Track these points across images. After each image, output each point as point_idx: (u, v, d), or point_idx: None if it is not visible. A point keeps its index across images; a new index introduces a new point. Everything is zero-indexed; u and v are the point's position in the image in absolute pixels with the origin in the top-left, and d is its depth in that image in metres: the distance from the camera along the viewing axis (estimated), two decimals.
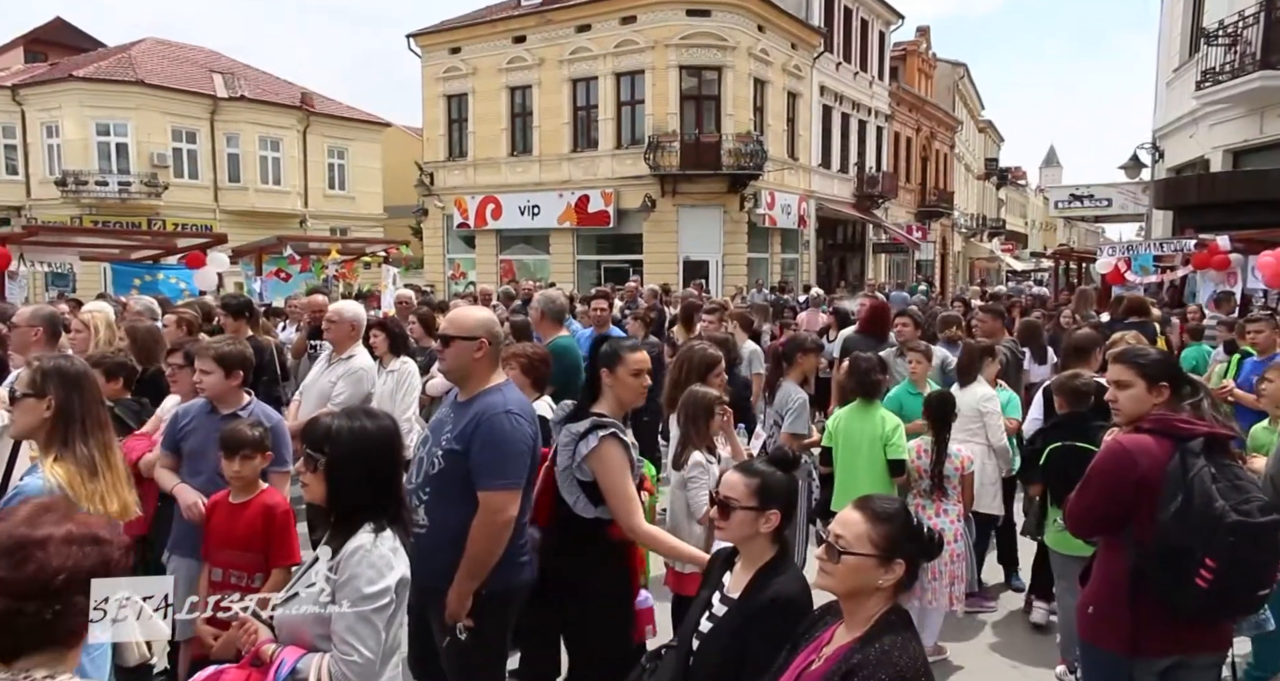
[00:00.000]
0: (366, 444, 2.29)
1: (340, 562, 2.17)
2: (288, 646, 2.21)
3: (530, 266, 24.87)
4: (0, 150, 28.03)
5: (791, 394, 5.10)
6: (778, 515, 2.33)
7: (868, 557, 1.88)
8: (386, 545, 2.21)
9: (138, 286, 11.27)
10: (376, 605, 2.14)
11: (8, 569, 1.39)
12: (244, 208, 29.19)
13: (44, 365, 2.74)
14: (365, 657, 2.12)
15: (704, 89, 22.69)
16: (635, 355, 3.27)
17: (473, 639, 2.98)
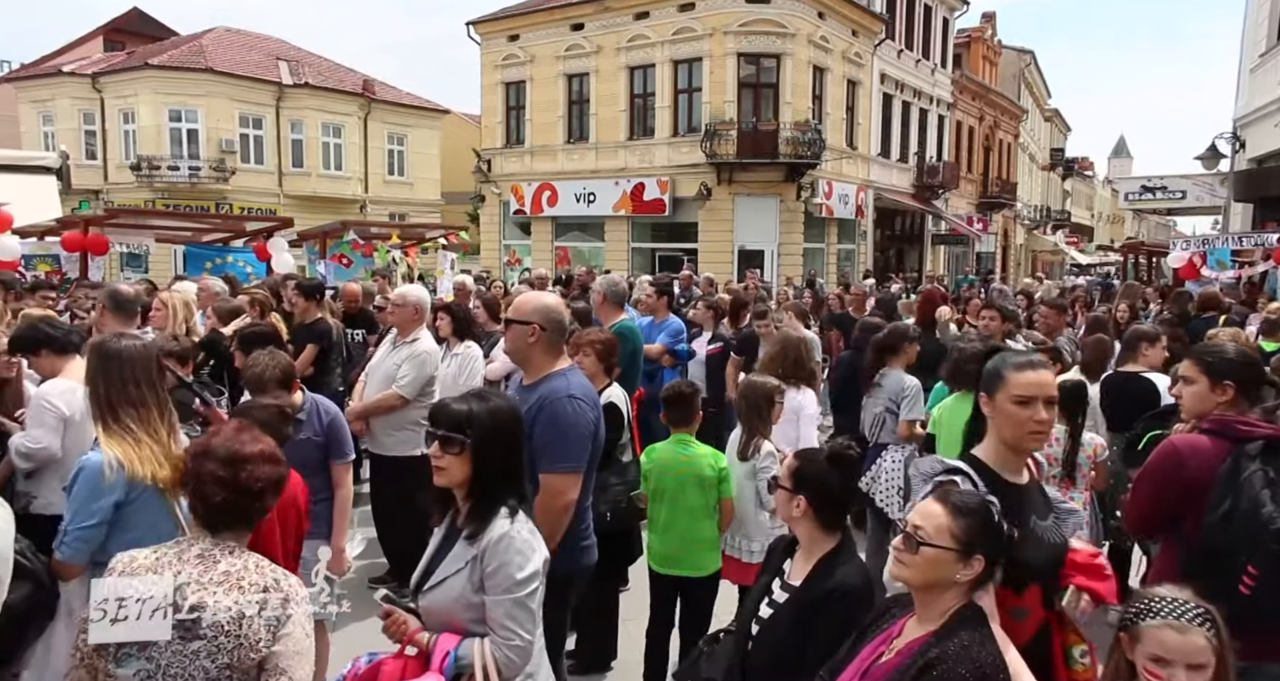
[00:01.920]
0: (505, 424, 2.31)
1: (486, 550, 2.18)
2: (442, 633, 2.21)
3: (585, 253, 24.99)
4: (81, 136, 29.02)
5: (904, 381, 5.14)
6: (804, 501, 2.38)
7: (947, 550, 1.84)
8: (526, 528, 2.24)
9: (209, 269, 11.64)
10: (529, 589, 2.17)
11: (228, 473, 2.03)
12: (306, 192, 29.84)
13: (91, 342, 2.91)
14: (525, 640, 2.17)
15: (762, 77, 22.47)
16: (1024, 376, 2.30)
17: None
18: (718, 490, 3.88)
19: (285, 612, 1.93)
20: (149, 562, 1.90)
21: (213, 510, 2.05)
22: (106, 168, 28.85)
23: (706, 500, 3.87)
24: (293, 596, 1.97)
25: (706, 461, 3.90)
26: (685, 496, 3.86)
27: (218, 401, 4.24)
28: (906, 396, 5.12)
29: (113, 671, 1.86)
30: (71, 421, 3.59)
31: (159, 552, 1.96)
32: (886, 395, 5.23)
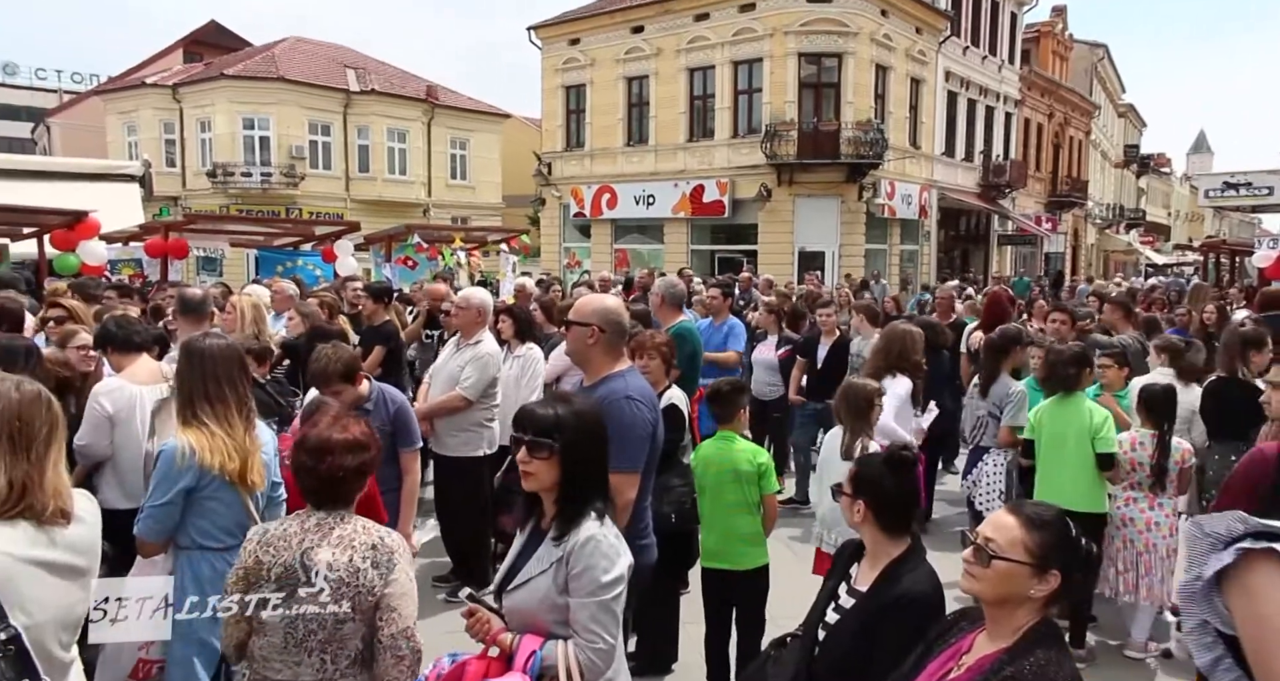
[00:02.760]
0: (592, 427, 2.32)
1: (572, 553, 2.19)
2: (525, 634, 2.22)
3: (644, 256, 25.04)
4: (161, 145, 30.20)
5: (1009, 385, 5.08)
6: (864, 506, 2.34)
7: (1020, 565, 1.76)
8: (612, 532, 2.25)
9: (280, 272, 12.00)
10: (614, 593, 2.18)
11: (313, 462, 2.33)
12: (372, 197, 30.53)
13: (182, 341, 3.04)
14: (609, 643, 2.18)
15: (823, 76, 22.24)
16: None
17: None
18: (758, 486, 3.89)
19: (390, 562, 2.30)
20: (279, 533, 2.32)
21: (307, 492, 2.40)
22: (185, 175, 29.96)
23: (745, 495, 3.89)
24: (395, 548, 2.33)
25: (744, 456, 3.91)
26: (724, 491, 3.90)
27: (292, 401, 4.38)
28: (1011, 401, 5.03)
29: (263, 618, 2.27)
30: (116, 419, 3.75)
31: (285, 524, 2.36)
32: (990, 398, 5.13)
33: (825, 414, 7.23)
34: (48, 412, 1.77)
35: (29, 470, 1.70)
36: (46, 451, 1.74)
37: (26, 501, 1.68)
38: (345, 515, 2.38)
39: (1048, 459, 4.64)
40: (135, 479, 3.92)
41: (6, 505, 1.66)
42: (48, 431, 1.76)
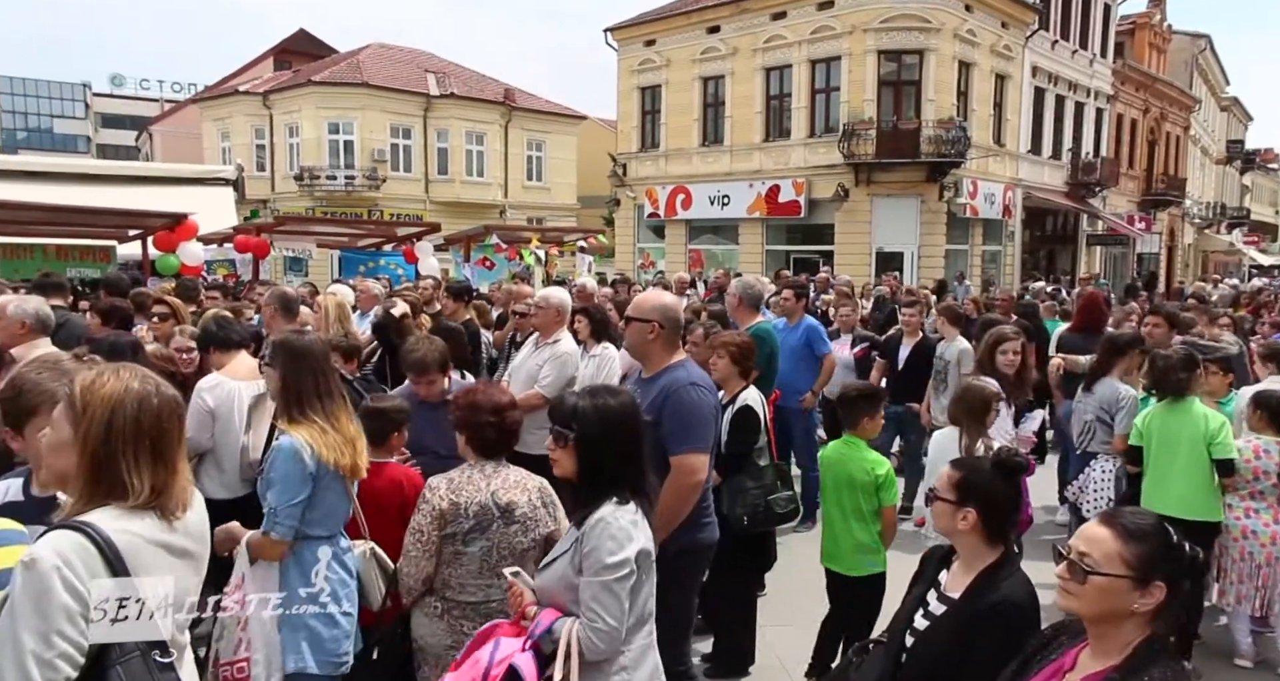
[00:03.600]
0: (611, 419, 2.40)
1: (585, 534, 2.30)
2: (546, 609, 2.36)
3: (719, 256, 24.94)
4: (252, 150, 31.46)
5: (1120, 390, 4.94)
6: (974, 514, 2.26)
7: (1120, 578, 1.66)
8: (627, 517, 2.30)
9: (362, 272, 12.37)
10: (617, 575, 2.24)
11: (497, 419, 2.93)
12: (450, 198, 31.18)
13: (275, 339, 3.13)
14: (609, 624, 2.23)
15: (904, 74, 21.78)
16: None
17: (659, 592, 3.14)
18: (876, 497, 3.87)
19: (555, 503, 2.86)
20: (462, 480, 2.85)
21: (487, 445, 2.92)
22: (274, 178, 31.12)
23: (858, 503, 3.88)
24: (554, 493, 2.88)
25: (862, 465, 3.89)
26: (841, 496, 3.94)
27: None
28: (1123, 407, 4.90)
29: (462, 549, 2.84)
30: (217, 413, 3.90)
31: (463, 473, 2.88)
32: (1098, 402, 4.99)
33: (904, 417, 7.09)
34: (180, 416, 1.85)
35: (165, 475, 1.77)
36: (178, 453, 1.82)
37: (159, 502, 1.76)
38: (506, 465, 2.91)
39: (1158, 466, 4.50)
40: (233, 471, 4.09)
41: (145, 502, 1.74)
42: (178, 434, 1.83)
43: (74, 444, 1.73)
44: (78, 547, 1.61)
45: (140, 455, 1.73)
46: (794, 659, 4.59)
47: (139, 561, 1.68)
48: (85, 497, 1.73)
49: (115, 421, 1.72)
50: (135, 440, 1.73)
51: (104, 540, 1.64)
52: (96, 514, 1.69)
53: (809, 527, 6.65)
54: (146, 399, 1.77)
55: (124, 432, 1.72)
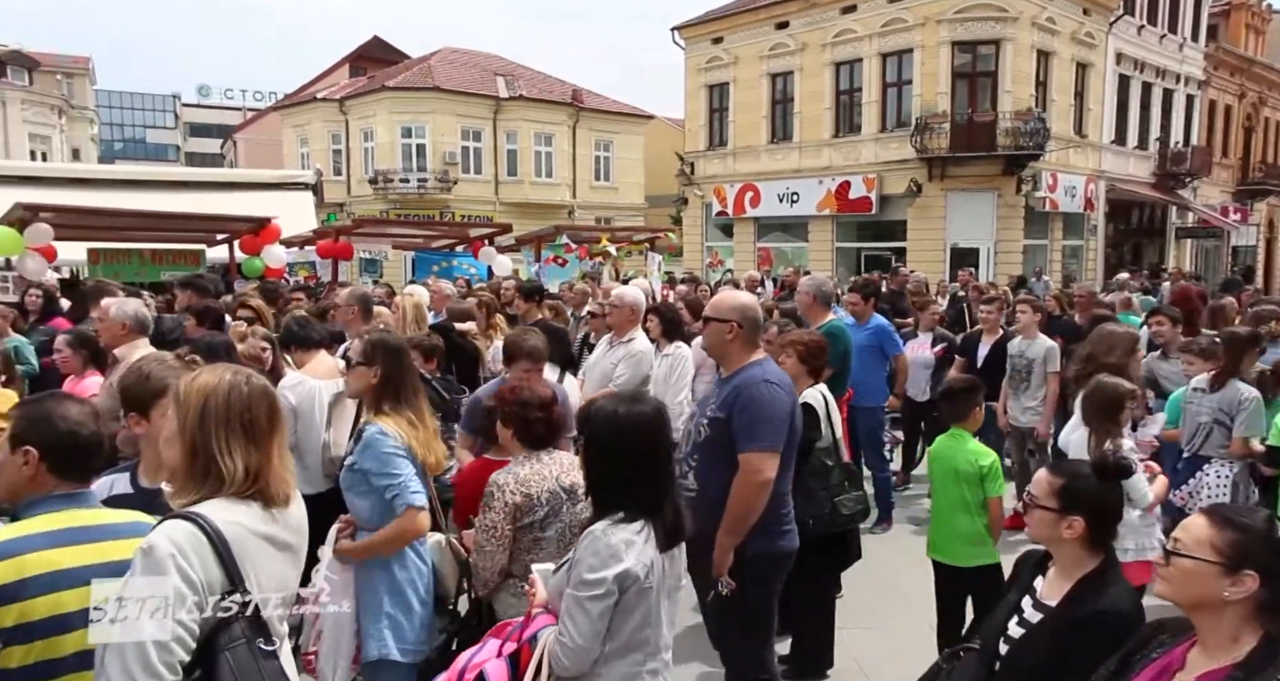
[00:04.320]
0: (620, 429, 2.29)
1: (578, 544, 2.26)
2: (544, 614, 2.32)
3: (788, 254, 24.69)
4: (329, 154, 32.40)
5: (1242, 391, 4.72)
6: (1081, 523, 2.15)
7: (1206, 563, 1.68)
8: (620, 535, 2.18)
9: (436, 272, 12.62)
10: (590, 592, 2.14)
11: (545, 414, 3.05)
12: (519, 199, 31.57)
13: (372, 338, 3.20)
14: (575, 642, 2.14)
15: (979, 65, 21.18)
16: None
17: (735, 598, 3.18)
18: (982, 488, 3.87)
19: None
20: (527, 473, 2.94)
21: (537, 439, 3.03)
22: (349, 182, 31.98)
23: (964, 494, 3.88)
24: None
25: (967, 456, 3.91)
26: (947, 488, 3.97)
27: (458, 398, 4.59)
28: (1245, 408, 4.64)
29: (541, 535, 2.92)
30: (299, 411, 4.00)
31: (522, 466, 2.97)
32: (1218, 404, 4.76)
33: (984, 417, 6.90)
34: (272, 404, 1.92)
35: (260, 459, 1.85)
36: (271, 440, 1.89)
37: (259, 486, 1.84)
38: (550, 450, 3.05)
39: None
40: (315, 467, 4.20)
41: (243, 488, 1.82)
42: (272, 421, 1.90)
43: (178, 435, 1.82)
44: (190, 536, 1.69)
45: (232, 438, 1.81)
46: (872, 662, 4.52)
47: (244, 550, 1.76)
48: (187, 484, 1.81)
49: (208, 407, 1.81)
50: (226, 424, 1.81)
51: (213, 530, 1.72)
52: (206, 505, 1.77)
53: (884, 529, 6.54)
54: (237, 387, 1.86)
55: (216, 417, 1.81)
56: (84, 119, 43.17)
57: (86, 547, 1.92)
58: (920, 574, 5.77)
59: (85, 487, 2.05)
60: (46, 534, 1.91)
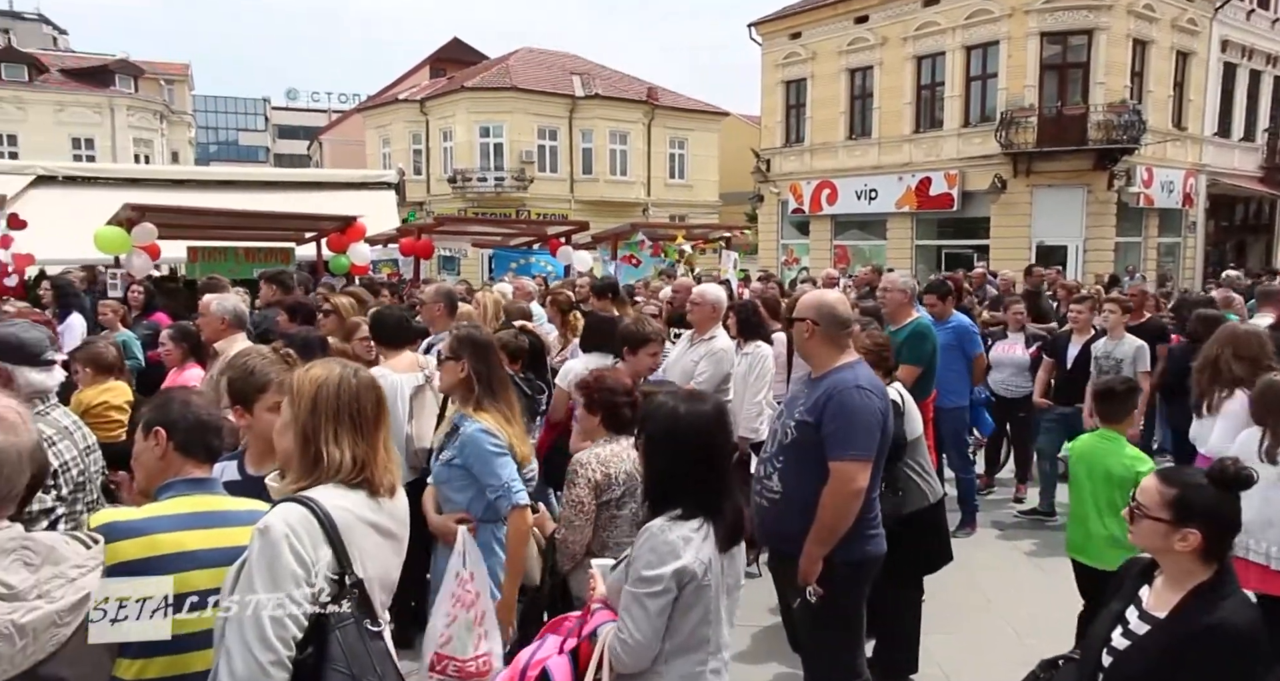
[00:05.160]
0: (680, 426, 2.29)
1: (635, 541, 2.27)
2: (603, 610, 2.34)
3: (865, 252, 24.27)
4: (410, 154, 33.19)
5: None
6: (1197, 535, 2.04)
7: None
8: (677, 533, 2.19)
9: (514, 269, 12.81)
10: (648, 589, 2.15)
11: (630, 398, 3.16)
12: (595, 198, 31.79)
13: (460, 334, 3.26)
14: (634, 638, 2.15)
15: (1069, 56, 20.41)
16: None
17: (823, 605, 3.14)
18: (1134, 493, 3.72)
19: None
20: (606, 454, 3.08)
21: (622, 422, 3.13)
22: (429, 181, 32.71)
23: (1113, 497, 3.79)
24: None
25: (1123, 460, 3.86)
26: (1096, 489, 3.92)
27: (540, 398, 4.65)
28: None
29: (616, 513, 3.05)
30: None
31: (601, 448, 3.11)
32: None
33: (1074, 419, 6.66)
34: (378, 397, 2.00)
35: (366, 449, 1.93)
36: (377, 431, 1.97)
37: (365, 475, 1.92)
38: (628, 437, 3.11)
39: None
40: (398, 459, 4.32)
41: (350, 476, 1.90)
42: (378, 413, 1.99)
43: (290, 424, 1.91)
44: (302, 519, 1.78)
45: (340, 428, 1.90)
46: (955, 666, 4.43)
47: (351, 535, 1.83)
48: (298, 472, 1.89)
49: (319, 398, 1.91)
50: (335, 415, 1.90)
51: (324, 513, 1.80)
52: (317, 491, 1.86)
53: (967, 533, 6.38)
54: (346, 380, 1.95)
55: (325, 408, 1.90)
56: (182, 123, 45.18)
57: (211, 532, 2.03)
58: (1003, 578, 5.64)
59: (209, 471, 2.17)
60: (176, 516, 2.03)
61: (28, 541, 1.43)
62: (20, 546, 1.41)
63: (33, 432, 1.47)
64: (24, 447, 1.44)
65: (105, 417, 4.38)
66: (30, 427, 1.46)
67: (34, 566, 1.40)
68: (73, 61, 40.97)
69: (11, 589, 1.35)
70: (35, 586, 1.38)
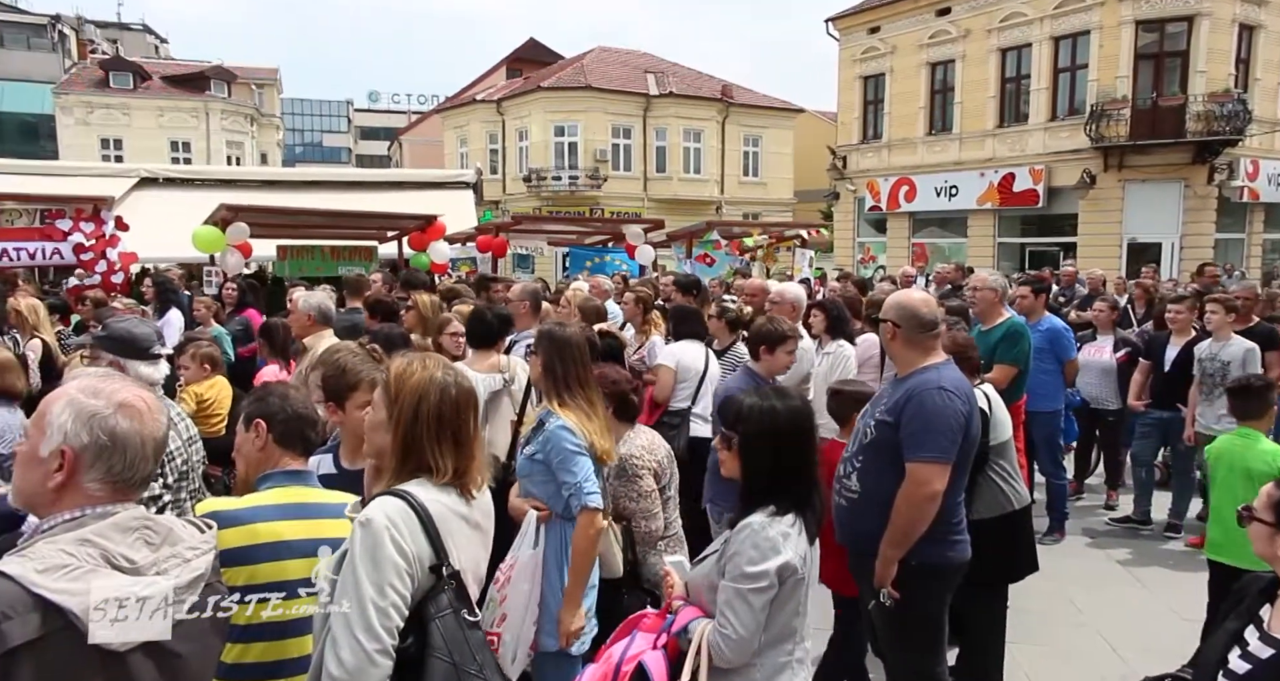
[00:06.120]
0: (776, 424, 2.33)
1: (731, 537, 2.28)
2: (688, 606, 2.36)
3: (945, 250, 23.68)
4: (487, 154, 33.76)
5: None
6: None
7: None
8: (778, 528, 2.24)
9: (589, 267, 12.88)
10: (753, 585, 2.19)
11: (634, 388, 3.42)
12: (668, 196, 31.79)
13: (541, 330, 3.30)
14: (738, 633, 2.19)
15: (1166, 45, 19.50)
16: None
17: (900, 608, 3.09)
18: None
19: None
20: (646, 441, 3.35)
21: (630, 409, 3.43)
22: (504, 180, 33.20)
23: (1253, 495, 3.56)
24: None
25: (1263, 457, 3.88)
26: (1234, 488, 3.90)
27: None
28: None
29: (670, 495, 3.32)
30: None
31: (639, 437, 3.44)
32: None
33: (1171, 424, 6.38)
34: (475, 406, 2.03)
35: (464, 459, 1.97)
36: (475, 439, 2.01)
37: (462, 482, 1.96)
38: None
39: None
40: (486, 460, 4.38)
41: (446, 481, 1.94)
42: (474, 421, 2.02)
43: (388, 426, 1.94)
44: (402, 512, 1.82)
45: (443, 442, 1.92)
46: (1043, 679, 4.27)
47: (446, 528, 1.87)
48: (398, 472, 1.93)
49: (421, 410, 1.92)
50: (438, 428, 1.92)
51: (421, 507, 1.84)
52: (412, 485, 1.90)
53: (1056, 540, 6.17)
54: (446, 390, 1.95)
55: (428, 421, 1.92)
56: (271, 126, 46.92)
57: (307, 523, 2.11)
58: (1095, 588, 5.42)
59: (305, 464, 2.24)
60: (275, 506, 2.11)
61: (149, 521, 1.50)
62: (143, 525, 1.48)
63: (160, 423, 1.53)
64: (148, 435, 1.50)
65: (208, 411, 4.58)
66: (158, 418, 1.52)
67: (154, 545, 1.47)
68: (173, 69, 42.96)
69: (134, 563, 1.42)
70: (154, 563, 1.45)
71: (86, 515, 1.44)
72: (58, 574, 1.33)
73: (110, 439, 1.46)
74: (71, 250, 9.45)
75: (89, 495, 1.46)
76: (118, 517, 1.45)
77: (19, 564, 1.34)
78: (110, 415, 1.47)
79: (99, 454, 1.45)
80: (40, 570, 1.33)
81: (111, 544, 1.41)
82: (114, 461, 1.46)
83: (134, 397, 1.51)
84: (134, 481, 1.50)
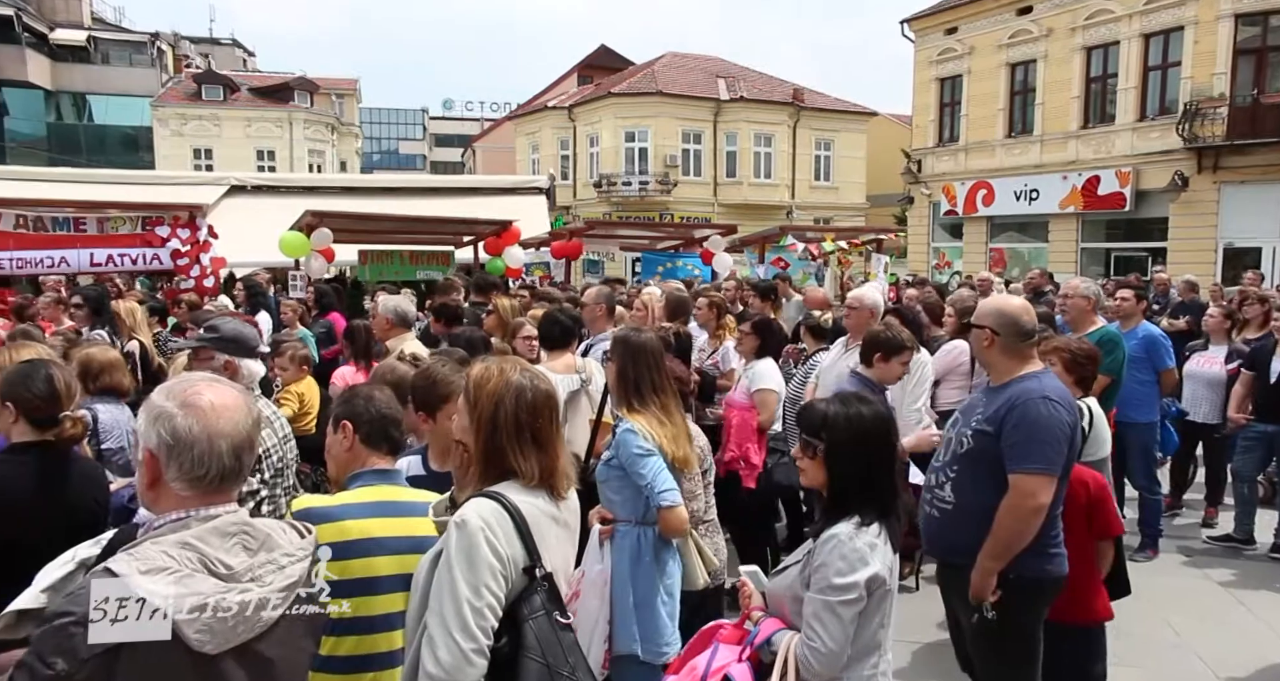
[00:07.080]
0: (863, 430, 2.29)
1: (816, 548, 2.24)
2: (770, 618, 2.33)
3: (1024, 255, 22.99)
4: (558, 160, 34.15)
5: None
6: None
7: None
8: (865, 539, 2.20)
9: (661, 272, 12.89)
10: (842, 597, 2.16)
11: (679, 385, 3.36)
12: (738, 201, 31.65)
13: (616, 335, 3.30)
14: (827, 647, 2.15)
15: (1269, 39, 18.49)
16: None
17: (999, 622, 3.00)
18: None
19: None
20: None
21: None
22: (575, 186, 33.53)
23: None
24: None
25: None
26: None
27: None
28: None
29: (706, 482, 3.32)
30: None
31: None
32: None
33: (1277, 438, 6.07)
34: (553, 407, 2.03)
35: (548, 460, 1.97)
36: (557, 440, 2.01)
37: (548, 483, 1.97)
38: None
39: None
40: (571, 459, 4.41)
41: (534, 483, 1.95)
42: (556, 424, 2.02)
43: (470, 431, 1.95)
44: (495, 512, 1.84)
45: (524, 445, 1.93)
46: None
47: (538, 528, 1.88)
48: (484, 477, 1.94)
49: (499, 416, 1.92)
50: (518, 433, 1.92)
51: (514, 508, 1.86)
52: (504, 486, 1.92)
53: (1148, 557, 5.90)
54: (523, 393, 1.94)
55: (507, 426, 1.92)
56: (350, 134, 48.44)
57: (395, 520, 2.15)
58: (1193, 609, 5.16)
59: (393, 463, 2.29)
60: (364, 504, 2.15)
61: (248, 526, 1.51)
62: (241, 530, 1.49)
63: (236, 421, 1.53)
64: (216, 432, 1.50)
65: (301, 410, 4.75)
66: (233, 416, 1.53)
67: (252, 550, 1.48)
68: (259, 80, 44.75)
69: (230, 569, 1.44)
70: (249, 570, 1.46)
71: (190, 517, 1.48)
72: (159, 576, 1.36)
73: (173, 438, 1.48)
74: (169, 255, 9.87)
75: (179, 495, 1.49)
76: (219, 521, 1.48)
77: (126, 563, 1.37)
78: (174, 414, 1.49)
79: (169, 454, 1.48)
80: (144, 571, 1.36)
81: (210, 548, 1.43)
82: (182, 459, 1.48)
83: (207, 396, 1.52)
84: (209, 479, 1.50)
